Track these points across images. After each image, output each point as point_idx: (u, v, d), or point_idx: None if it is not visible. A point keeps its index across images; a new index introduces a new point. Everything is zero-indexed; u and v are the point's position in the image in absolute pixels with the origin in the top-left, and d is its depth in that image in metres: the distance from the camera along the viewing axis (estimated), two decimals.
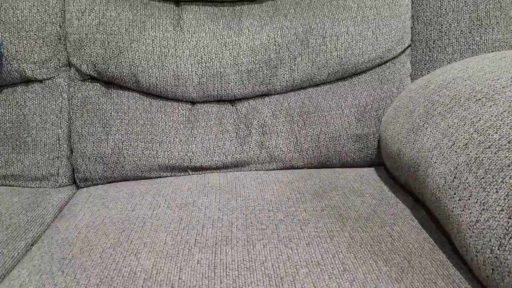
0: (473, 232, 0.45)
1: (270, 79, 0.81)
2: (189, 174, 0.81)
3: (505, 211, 0.42)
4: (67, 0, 0.81)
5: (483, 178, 0.46)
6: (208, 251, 0.53)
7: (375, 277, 0.47)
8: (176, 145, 0.80)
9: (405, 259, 0.51)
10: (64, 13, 0.81)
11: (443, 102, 0.60)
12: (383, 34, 0.81)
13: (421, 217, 0.60)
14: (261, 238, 0.55)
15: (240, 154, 0.80)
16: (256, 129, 0.81)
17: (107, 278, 0.50)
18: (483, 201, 0.45)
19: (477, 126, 0.51)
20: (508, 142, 0.45)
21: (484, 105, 0.52)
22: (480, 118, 0.51)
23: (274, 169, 0.81)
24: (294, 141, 0.81)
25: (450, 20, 0.82)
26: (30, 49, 0.80)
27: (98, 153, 0.80)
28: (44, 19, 0.80)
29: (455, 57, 0.83)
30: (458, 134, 0.53)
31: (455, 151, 0.52)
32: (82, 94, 0.82)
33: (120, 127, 0.80)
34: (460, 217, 0.47)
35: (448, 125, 0.56)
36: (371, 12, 0.81)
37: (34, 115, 0.81)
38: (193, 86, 0.81)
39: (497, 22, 0.81)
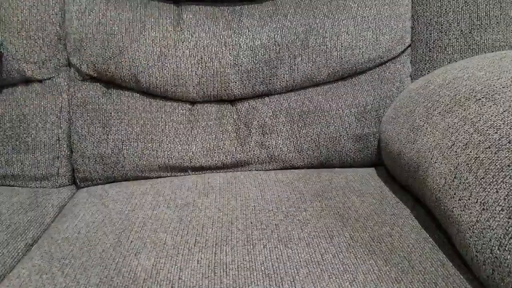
0: (473, 232, 0.45)
1: (270, 79, 0.81)
2: (189, 174, 0.81)
3: (505, 211, 0.42)
4: (67, 0, 0.81)
5: (483, 178, 0.46)
6: (208, 251, 0.53)
7: (375, 277, 0.47)
8: (176, 145, 0.80)
9: (405, 259, 0.51)
10: (64, 13, 0.81)
11: (443, 102, 0.60)
12: (383, 34, 0.81)
13: (421, 217, 0.60)
14: (261, 238, 0.55)
15: (240, 154, 0.80)
16: (256, 129, 0.81)
17: (107, 278, 0.50)
18: (483, 201, 0.45)
19: (477, 126, 0.51)
20: (508, 142, 0.45)
21: (484, 105, 0.52)
22: (480, 118, 0.51)
23: (274, 169, 0.81)
24: (294, 141, 0.81)
25: (450, 20, 0.82)
26: (30, 49, 0.80)
27: (98, 153, 0.80)
28: (44, 19, 0.80)
29: (455, 57, 0.83)
30: (458, 134, 0.53)
31: (455, 151, 0.52)
32: (82, 94, 0.82)
33: (120, 127, 0.80)
34: (460, 217, 0.47)
35: (448, 125, 0.56)
36: (371, 12, 0.81)
37: (34, 115, 0.81)
38: (193, 86, 0.80)
39: (497, 22, 0.81)
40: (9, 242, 0.61)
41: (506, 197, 0.42)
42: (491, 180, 0.45)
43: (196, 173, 0.81)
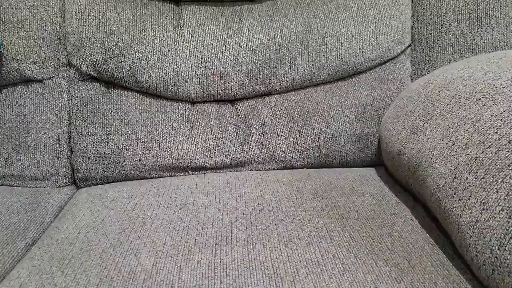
0: (473, 232, 0.45)
1: (270, 79, 0.81)
2: (189, 174, 0.81)
3: (505, 211, 0.42)
4: (67, 0, 0.81)
5: (483, 178, 0.46)
6: (208, 251, 0.53)
7: (375, 277, 0.47)
8: (176, 145, 0.80)
9: (405, 259, 0.51)
10: (64, 13, 0.81)
11: (443, 102, 0.60)
12: (383, 34, 0.81)
13: (421, 217, 0.60)
14: (261, 238, 0.55)
15: (240, 154, 0.80)
16: (256, 129, 0.81)
17: (107, 278, 0.50)
18: (483, 201, 0.45)
19: (477, 126, 0.51)
20: (508, 142, 0.45)
21: (484, 105, 0.52)
22: (480, 118, 0.51)
23: (274, 169, 0.81)
24: (294, 141, 0.81)
25: (450, 20, 0.82)
26: (30, 49, 0.80)
27: (98, 153, 0.80)
28: (44, 19, 0.80)
29: (455, 57, 0.83)
30: (458, 134, 0.53)
31: (455, 151, 0.52)
32: (82, 94, 0.82)
33: (120, 127, 0.80)
34: (460, 217, 0.47)
35: (448, 125, 0.56)
36: (371, 12, 0.81)
37: (34, 115, 0.81)
38: (193, 86, 0.81)
39: (497, 22, 0.81)
40: (9, 242, 0.61)
41: (506, 197, 0.42)
42: (491, 180, 0.45)
43: (196, 173, 0.81)
